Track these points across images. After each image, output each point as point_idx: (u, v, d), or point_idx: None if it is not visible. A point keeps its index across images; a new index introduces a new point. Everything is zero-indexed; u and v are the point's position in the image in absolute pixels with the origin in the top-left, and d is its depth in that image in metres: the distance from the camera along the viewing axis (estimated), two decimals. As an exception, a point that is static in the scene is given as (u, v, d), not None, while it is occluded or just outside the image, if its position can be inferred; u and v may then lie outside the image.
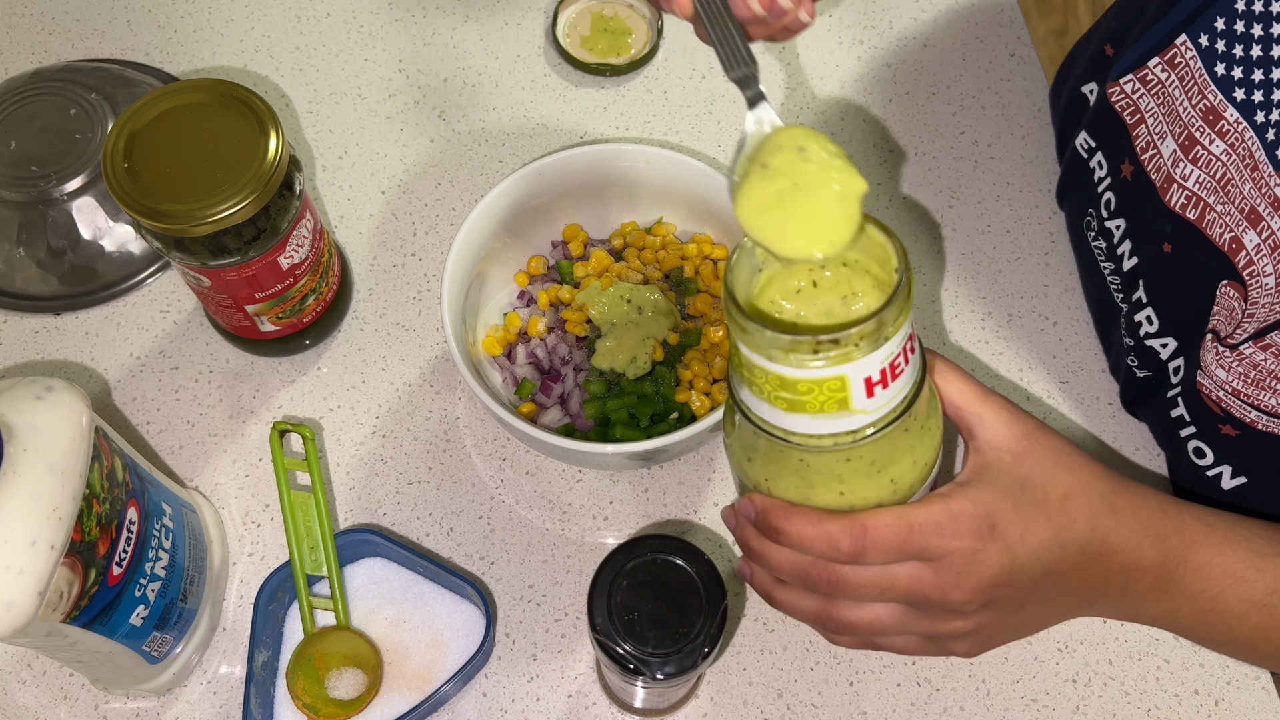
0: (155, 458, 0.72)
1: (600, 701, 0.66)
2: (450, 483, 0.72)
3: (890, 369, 0.44)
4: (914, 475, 0.49)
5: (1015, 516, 0.49)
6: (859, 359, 0.43)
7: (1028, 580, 0.50)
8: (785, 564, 0.51)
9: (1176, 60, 0.61)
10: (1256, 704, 0.66)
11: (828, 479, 0.48)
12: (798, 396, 0.44)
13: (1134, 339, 0.68)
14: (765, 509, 0.50)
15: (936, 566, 0.48)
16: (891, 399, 0.45)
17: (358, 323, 0.77)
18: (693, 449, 0.69)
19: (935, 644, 0.53)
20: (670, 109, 0.85)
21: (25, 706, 0.65)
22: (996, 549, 0.48)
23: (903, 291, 0.43)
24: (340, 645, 0.65)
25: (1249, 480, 0.63)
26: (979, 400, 0.51)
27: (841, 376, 0.43)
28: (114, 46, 0.87)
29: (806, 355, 0.43)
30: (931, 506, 0.48)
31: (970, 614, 0.50)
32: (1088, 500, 0.50)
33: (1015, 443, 0.50)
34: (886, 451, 0.47)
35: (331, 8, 0.89)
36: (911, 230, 0.81)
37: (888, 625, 0.51)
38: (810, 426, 0.45)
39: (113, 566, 0.55)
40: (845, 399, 0.44)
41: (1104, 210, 0.70)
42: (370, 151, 0.83)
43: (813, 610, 0.53)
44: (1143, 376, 0.69)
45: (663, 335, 0.70)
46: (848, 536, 0.47)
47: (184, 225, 0.61)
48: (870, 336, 0.43)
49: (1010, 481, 0.49)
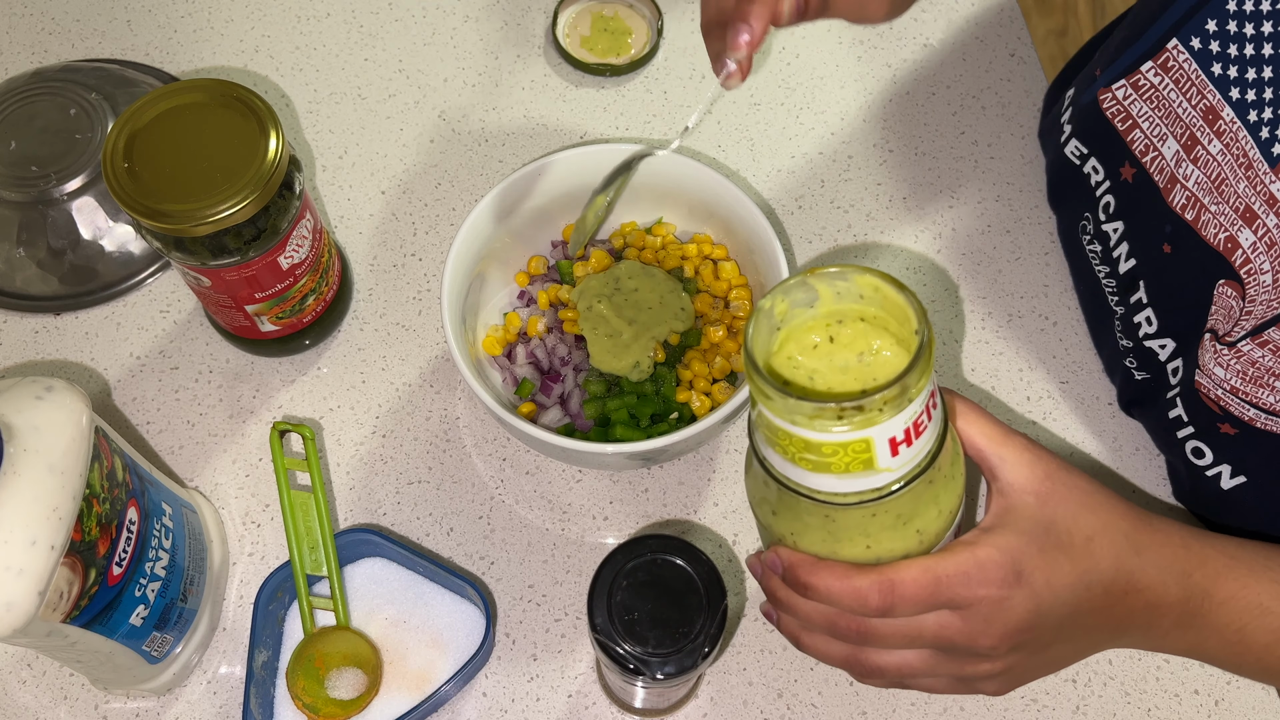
0: (155, 458, 0.72)
1: (600, 701, 0.66)
2: (450, 483, 0.72)
3: (914, 428, 0.44)
4: (939, 525, 0.49)
5: (1041, 562, 0.49)
6: (883, 422, 0.43)
7: (1054, 623, 0.50)
8: (814, 615, 0.51)
9: (1169, 64, 0.62)
10: (1256, 704, 0.66)
11: (853, 534, 0.48)
12: (822, 458, 0.44)
13: (1133, 340, 0.68)
14: (792, 565, 0.50)
15: (964, 614, 0.49)
16: (916, 455, 0.45)
17: (358, 323, 0.77)
18: (693, 449, 0.69)
19: (964, 684, 0.53)
20: (670, 109, 0.85)
21: (25, 706, 0.65)
22: (1023, 595, 0.49)
23: (925, 353, 0.43)
24: (340, 645, 0.65)
25: (1248, 479, 0.63)
26: (1000, 442, 0.51)
27: (867, 439, 0.43)
28: (114, 46, 0.87)
29: (830, 421, 0.43)
30: (958, 556, 0.48)
31: (999, 657, 0.51)
32: (1111, 540, 0.51)
33: (1038, 484, 0.50)
34: (911, 505, 0.48)
35: (331, 8, 0.89)
36: (911, 231, 0.81)
37: (917, 669, 0.52)
38: (836, 486, 0.46)
39: (113, 566, 0.55)
40: (870, 459, 0.44)
41: (1102, 214, 0.70)
42: (370, 151, 0.83)
43: (841, 656, 0.53)
44: (1141, 379, 0.69)
45: (664, 335, 0.70)
46: (876, 592, 0.48)
47: (184, 225, 0.61)
48: (895, 401, 0.43)
49: (1034, 525, 0.50)
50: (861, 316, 0.47)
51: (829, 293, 0.47)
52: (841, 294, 0.47)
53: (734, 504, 0.71)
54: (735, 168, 0.83)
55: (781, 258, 0.68)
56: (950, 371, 0.76)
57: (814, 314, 0.48)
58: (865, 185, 0.83)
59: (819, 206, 0.82)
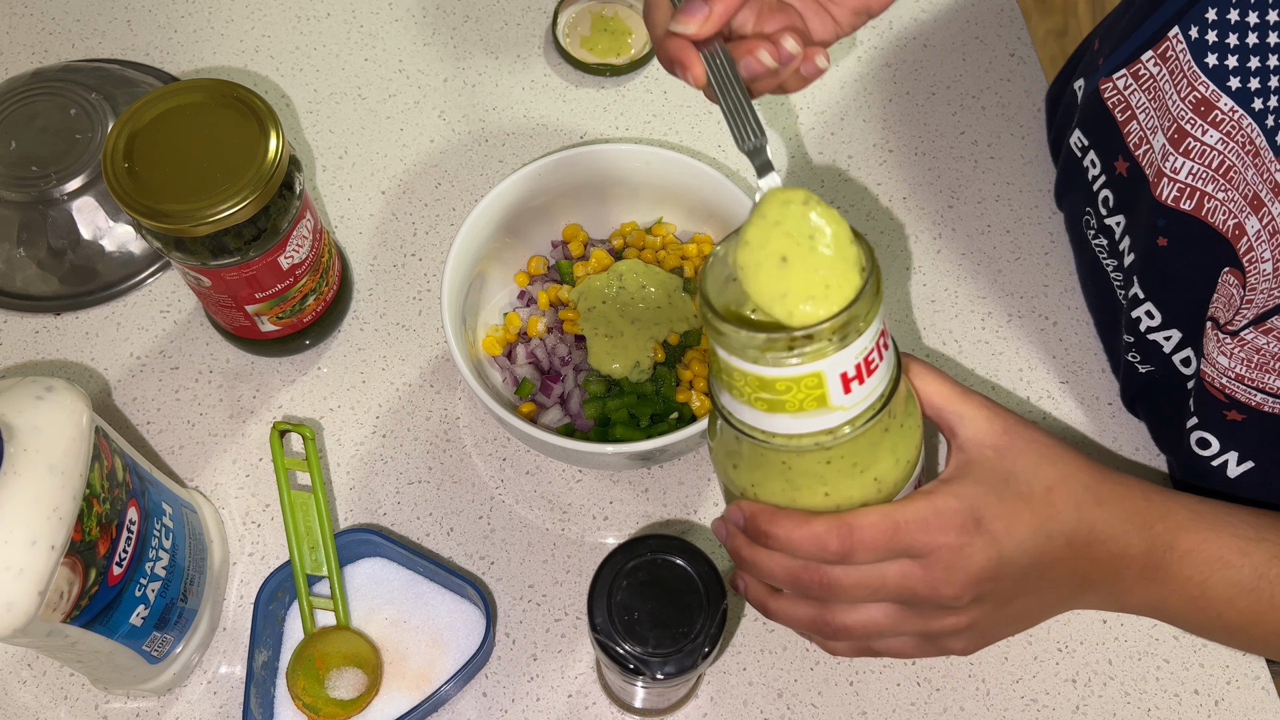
0: (155, 458, 0.72)
1: (600, 701, 0.66)
2: (450, 483, 0.72)
3: (865, 364, 0.45)
4: (897, 473, 0.49)
5: (1000, 510, 0.49)
6: (833, 354, 0.44)
7: (1016, 572, 0.50)
8: (776, 569, 0.51)
9: (1168, 54, 0.61)
10: (1256, 704, 0.66)
11: (812, 481, 0.48)
12: (777, 396, 0.45)
13: (1134, 335, 0.68)
14: (753, 514, 0.50)
15: (925, 563, 0.49)
16: (869, 394, 0.46)
17: (358, 323, 0.77)
18: (693, 449, 0.69)
19: (931, 643, 0.53)
20: (670, 109, 0.85)
21: (25, 706, 0.65)
22: (983, 542, 0.49)
23: (870, 286, 0.44)
24: (340, 645, 0.65)
25: (1256, 464, 0.63)
26: (958, 399, 0.51)
27: (818, 373, 0.44)
28: (114, 46, 0.87)
29: (782, 353, 0.43)
30: (916, 503, 0.48)
31: (962, 609, 0.50)
32: (1072, 491, 0.51)
33: (997, 438, 0.50)
34: (868, 450, 0.48)
35: (331, 8, 0.89)
36: (912, 230, 0.81)
37: (883, 626, 0.52)
38: (791, 426, 0.46)
39: (113, 566, 0.55)
40: (823, 395, 0.44)
41: (1102, 208, 0.70)
42: (370, 151, 0.83)
43: (808, 618, 0.53)
44: (1145, 372, 0.69)
45: (664, 335, 0.70)
46: (835, 536, 0.48)
47: (184, 225, 0.61)
48: (841, 330, 0.43)
49: (994, 476, 0.50)
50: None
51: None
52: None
53: (734, 504, 0.71)
54: (735, 168, 0.83)
55: (781, 258, 0.68)
56: (950, 372, 0.76)
57: None
58: (865, 185, 0.83)
59: (819, 206, 0.82)
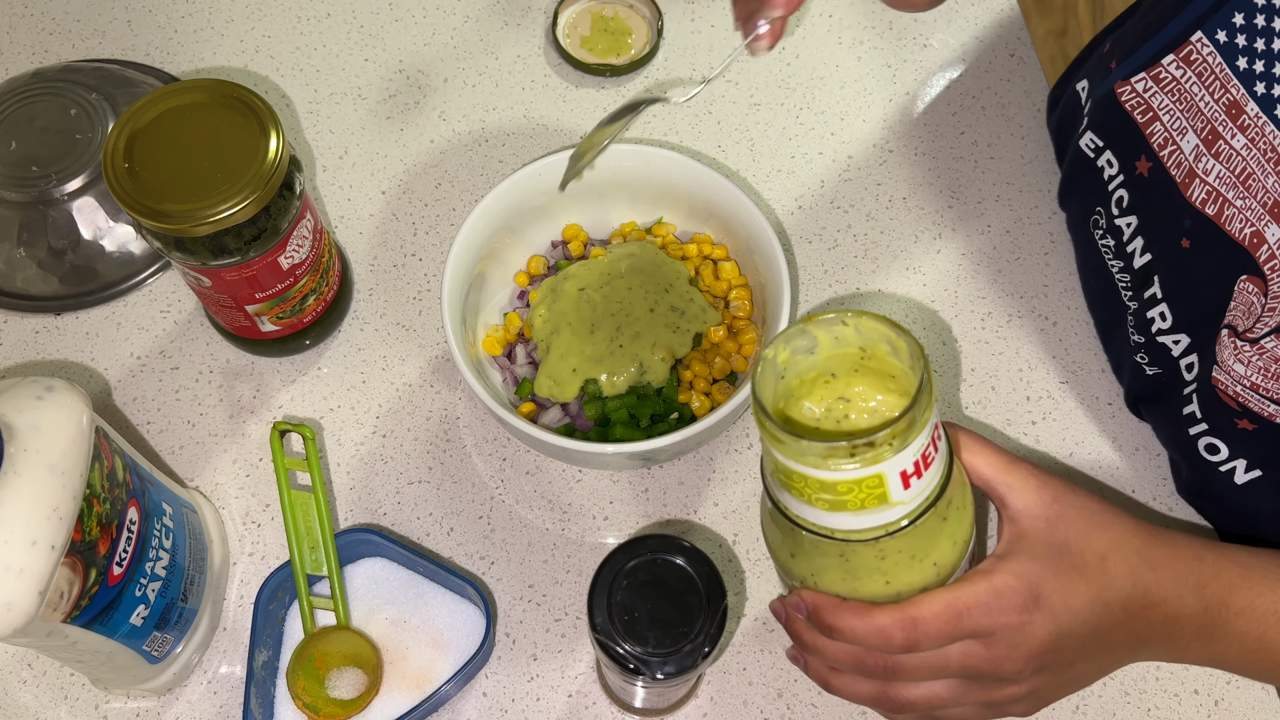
0: (155, 458, 0.72)
1: (600, 701, 0.66)
2: (450, 483, 0.72)
3: (923, 460, 0.46)
4: (954, 556, 0.50)
5: (1057, 584, 0.50)
6: (893, 457, 0.45)
7: (1075, 643, 0.51)
8: (840, 655, 0.52)
9: (1192, 57, 0.61)
10: (1256, 704, 0.66)
11: (871, 571, 0.49)
12: (838, 497, 0.46)
13: (1145, 336, 0.68)
14: (817, 607, 0.51)
15: (987, 642, 0.50)
16: (926, 487, 0.47)
17: (358, 323, 0.77)
18: (693, 449, 0.69)
19: (993, 710, 0.54)
20: (670, 109, 0.85)
21: (25, 706, 0.65)
22: (1043, 618, 0.50)
23: (926, 387, 0.45)
24: (340, 645, 0.65)
25: (1264, 474, 0.63)
26: (1006, 470, 0.52)
27: (879, 474, 0.45)
28: (114, 47, 0.87)
29: (843, 459, 0.44)
30: (976, 586, 0.49)
31: (1024, 680, 0.52)
32: (1125, 557, 0.52)
33: (1047, 508, 0.51)
34: (926, 539, 0.49)
35: (331, 8, 0.89)
36: (912, 230, 0.81)
37: (946, 700, 0.53)
38: (852, 523, 0.47)
39: (113, 566, 0.55)
40: (884, 494, 0.46)
41: (1114, 208, 0.69)
42: (370, 151, 0.83)
43: (870, 694, 0.54)
44: (1152, 374, 0.69)
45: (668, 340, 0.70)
46: (899, 629, 0.49)
47: (184, 225, 0.61)
48: (902, 434, 0.44)
49: (1047, 549, 0.50)
50: (862, 358, 0.49)
51: (827, 339, 0.49)
52: (840, 339, 0.49)
53: (734, 504, 0.71)
54: (735, 168, 0.83)
55: (781, 258, 0.68)
56: (950, 372, 0.76)
57: (816, 360, 0.50)
58: (865, 185, 0.83)
59: (819, 206, 0.82)
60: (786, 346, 0.49)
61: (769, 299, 0.69)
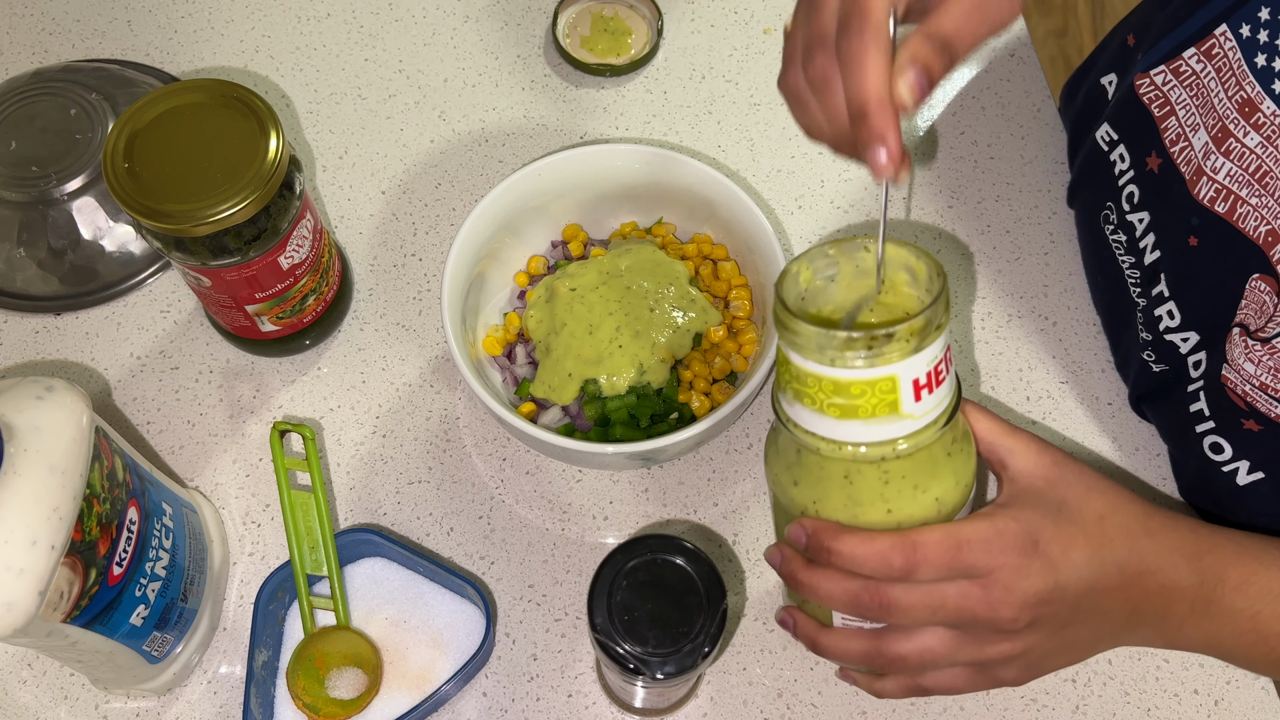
0: (155, 458, 0.72)
1: (600, 701, 0.66)
2: (450, 483, 0.72)
3: (935, 373, 0.47)
4: (957, 495, 0.50)
5: (1056, 534, 0.50)
6: (908, 358, 0.45)
7: (1071, 598, 0.51)
8: (835, 590, 0.51)
9: (1214, 51, 0.60)
10: (1256, 704, 0.66)
11: (874, 498, 0.49)
12: (850, 401, 0.46)
13: (1153, 334, 0.68)
14: (816, 530, 0.51)
15: (984, 583, 0.49)
16: (937, 405, 0.47)
17: (358, 323, 0.77)
18: (693, 449, 0.69)
19: (983, 673, 0.54)
20: (670, 109, 0.85)
21: (25, 706, 0.65)
22: (1040, 564, 0.50)
23: (944, 294, 0.46)
24: (340, 645, 0.65)
25: (1266, 475, 0.63)
26: (1008, 434, 0.52)
27: (893, 377, 0.46)
28: (114, 47, 0.87)
29: (861, 352, 0.45)
30: (977, 523, 0.49)
31: (1018, 633, 0.51)
32: (1123, 520, 0.52)
33: (1047, 470, 0.51)
34: (930, 469, 0.49)
35: (331, 8, 0.89)
36: (911, 231, 0.81)
37: (938, 654, 0.52)
38: (863, 434, 0.47)
39: (113, 566, 0.55)
40: (895, 401, 0.46)
41: (1125, 204, 0.69)
42: (370, 151, 0.83)
43: (861, 650, 0.54)
44: (1159, 371, 0.68)
45: (669, 340, 0.70)
46: (899, 552, 0.49)
47: (184, 225, 0.61)
48: (919, 334, 0.45)
49: (1047, 503, 0.51)
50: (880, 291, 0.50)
51: (849, 266, 0.50)
52: (860, 268, 0.50)
53: (734, 504, 0.71)
54: (735, 168, 0.83)
55: (781, 258, 0.68)
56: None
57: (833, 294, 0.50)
58: (865, 185, 0.83)
59: (819, 206, 0.82)
60: (810, 265, 0.49)
61: (769, 299, 0.69)
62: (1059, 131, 0.85)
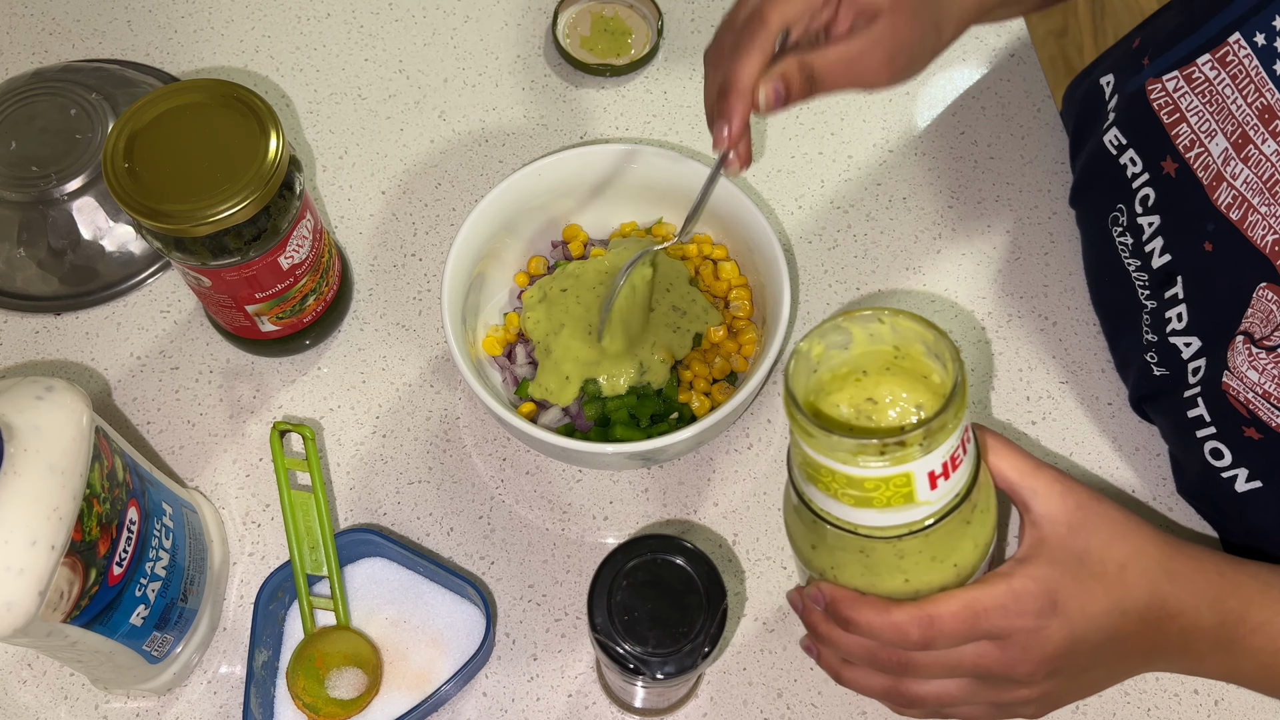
0: (155, 458, 0.72)
1: (600, 701, 0.66)
2: (450, 483, 0.72)
3: (951, 461, 0.46)
4: (974, 558, 0.50)
5: (1075, 590, 0.50)
6: (923, 457, 0.45)
7: (1089, 649, 0.51)
8: (855, 648, 0.52)
9: (1228, 58, 0.60)
10: (1256, 704, 0.66)
11: (891, 569, 0.49)
12: (865, 493, 0.46)
13: (1158, 335, 0.68)
14: (835, 600, 0.51)
15: (1002, 644, 0.50)
16: (953, 488, 0.47)
17: (358, 323, 0.77)
18: (693, 449, 0.69)
19: (1002, 710, 0.54)
20: (670, 109, 0.85)
21: (25, 706, 0.65)
22: (1059, 624, 0.50)
23: (959, 390, 0.45)
24: (340, 645, 0.65)
25: (1265, 485, 0.63)
26: (1031, 474, 0.52)
27: (908, 474, 0.45)
28: (114, 47, 0.87)
29: (873, 457, 0.45)
30: (995, 588, 0.49)
31: (1035, 684, 0.52)
32: (1145, 568, 0.52)
33: (1070, 514, 0.51)
34: (948, 541, 0.49)
35: (331, 8, 0.89)
36: (912, 230, 0.81)
37: (956, 697, 0.53)
38: (877, 520, 0.47)
39: (113, 566, 0.55)
40: (910, 493, 0.46)
41: (1138, 206, 0.69)
42: (370, 151, 0.83)
43: (881, 687, 0.54)
44: (1159, 375, 0.68)
45: (668, 341, 0.70)
46: (916, 626, 0.49)
47: (184, 225, 0.61)
48: (933, 436, 0.44)
49: (1068, 555, 0.50)
50: (895, 357, 0.49)
51: (862, 335, 0.49)
52: (875, 336, 0.49)
53: (734, 504, 0.71)
54: (735, 168, 0.83)
55: (781, 258, 0.68)
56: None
57: (849, 355, 0.50)
58: (865, 185, 0.83)
59: (819, 206, 0.82)
60: (821, 341, 0.49)
61: (769, 299, 0.69)
62: (1059, 132, 0.85)
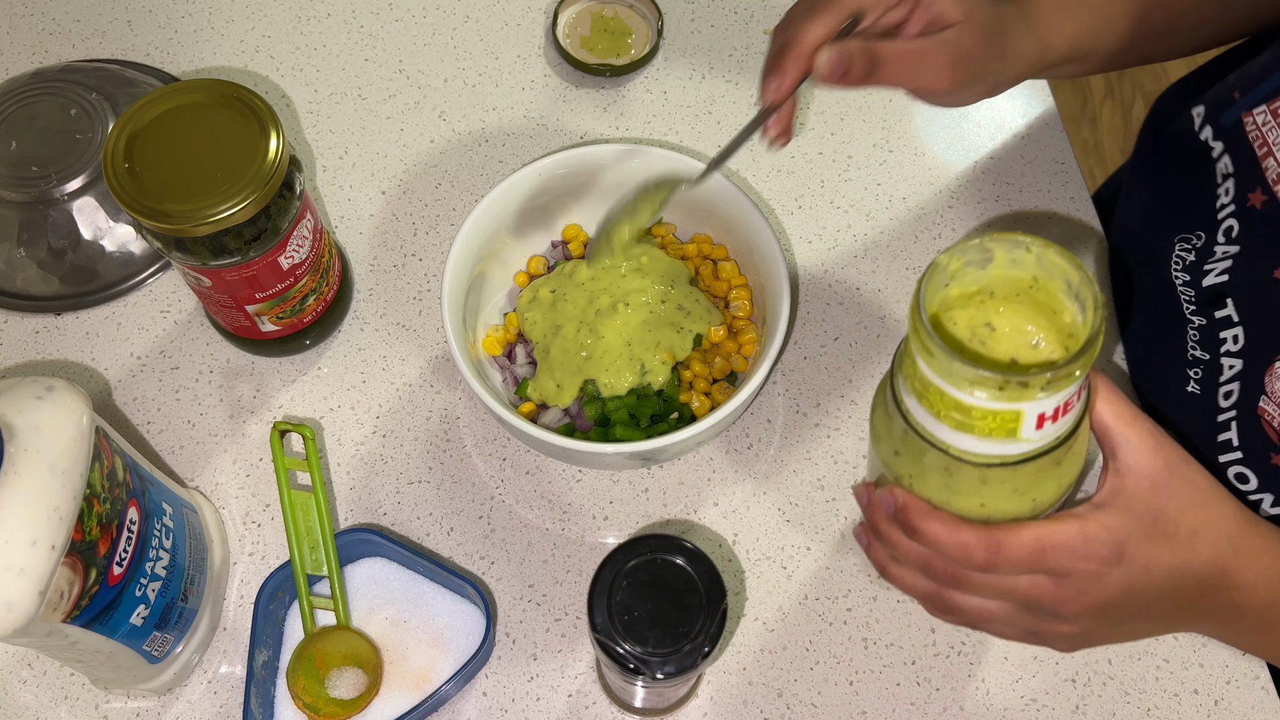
0: (156, 458, 0.72)
1: (600, 701, 0.66)
2: (450, 483, 0.72)
3: (1064, 407, 0.45)
4: (1054, 495, 0.50)
5: (1143, 546, 0.50)
6: (1039, 399, 0.44)
7: (1141, 603, 0.52)
8: (912, 553, 0.52)
9: None
10: (1256, 703, 0.66)
11: (971, 492, 0.49)
12: (969, 420, 0.45)
13: (1210, 353, 0.67)
14: (906, 507, 0.51)
15: (1059, 581, 0.50)
16: (1056, 431, 0.46)
17: (358, 323, 0.77)
18: (693, 449, 0.69)
19: (1035, 638, 0.55)
20: (670, 109, 0.85)
21: (25, 706, 0.65)
22: (1120, 574, 0.50)
23: (1096, 340, 0.44)
24: (340, 645, 0.65)
25: None
26: (1129, 423, 0.51)
27: (1018, 411, 0.45)
28: (114, 47, 0.87)
29: (990, 390, 0.44)
30: (1067, 527, 0.49)
31: (1079, 623, 0.52)
32: (1215, 538, 0.52)
33: (1156, 472, 0.51)
34: (1034, 479, 0.49)
35: (331, 8, 0.89)
36: (912, 230, 0.81)
37: (996, 616, 0.53)
38: (974, 446, 0.47)
39: (113, 566, 0.55)
40: (1015, 430, 0.45)
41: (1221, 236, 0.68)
42: (370, 151, 0.83)
43: (925, 590, 0.54)
44: (1190, 391, 0.68)
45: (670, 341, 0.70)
46: (982, 549, 0.49)
47: (184, 225, 0.61)
48: (1056, 382, 0.44)
49: (1145, 510, 0.50)
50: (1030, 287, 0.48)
51: (1005, 258, 0.48)
52: (1016, 262, 0.48)
53: (734, 504, 0.71)
54: (735, 168, 0.83)
55: (781, 258, 0.68)
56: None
57: (984, 275, 0.49)
58: (865, 185, 0.83)
59: (819, 206, 0.82)
60: (962, 257, 0.48)
61: (769, 299, 0.69)
62: (1059, 132, 0.85)
